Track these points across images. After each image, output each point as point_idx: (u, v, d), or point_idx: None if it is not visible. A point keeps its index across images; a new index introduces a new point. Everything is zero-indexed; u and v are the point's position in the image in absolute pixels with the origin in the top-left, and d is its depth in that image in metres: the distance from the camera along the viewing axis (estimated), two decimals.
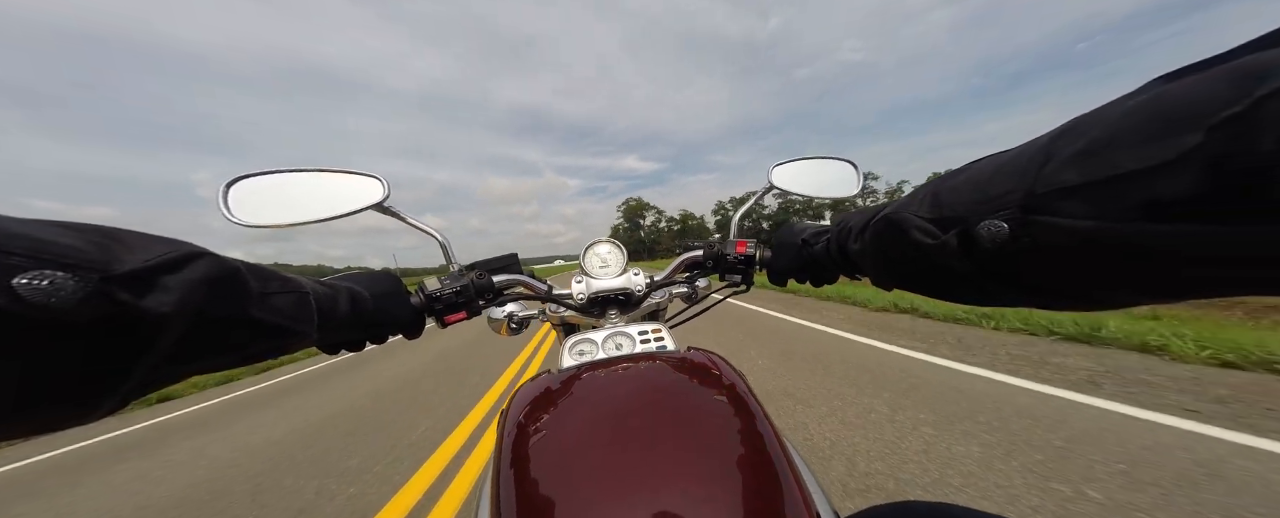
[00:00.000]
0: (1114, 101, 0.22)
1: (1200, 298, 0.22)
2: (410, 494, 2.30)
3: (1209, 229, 0.17)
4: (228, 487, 2.74)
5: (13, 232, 0.19)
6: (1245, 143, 0.15)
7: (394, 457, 2.81)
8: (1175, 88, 0.19)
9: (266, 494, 2.55)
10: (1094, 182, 0.20)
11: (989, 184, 0.26)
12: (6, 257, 0.18)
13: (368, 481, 2.52)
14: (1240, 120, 0.15)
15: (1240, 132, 0.15)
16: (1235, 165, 0.16)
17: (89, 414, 0.24)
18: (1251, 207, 0.16)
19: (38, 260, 0.19)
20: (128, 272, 0.23)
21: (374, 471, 2.66)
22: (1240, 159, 0.16)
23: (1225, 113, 0.16)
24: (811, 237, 0.56)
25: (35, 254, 0.19)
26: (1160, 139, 0.18)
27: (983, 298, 0.32)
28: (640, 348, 0.63)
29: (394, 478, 2.51)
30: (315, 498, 2.40)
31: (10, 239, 0.19)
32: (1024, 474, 1.83)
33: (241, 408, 4.94)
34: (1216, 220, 0.17)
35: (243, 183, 0.56)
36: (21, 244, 0.19)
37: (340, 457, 2.95)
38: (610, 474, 0.39)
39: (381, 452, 2.93)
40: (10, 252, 0.19)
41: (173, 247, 0.26)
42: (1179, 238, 0.18)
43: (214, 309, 0.27)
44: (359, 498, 2.33)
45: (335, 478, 2.63)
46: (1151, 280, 0.22)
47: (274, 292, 0.34)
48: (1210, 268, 0.19)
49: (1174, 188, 0.17)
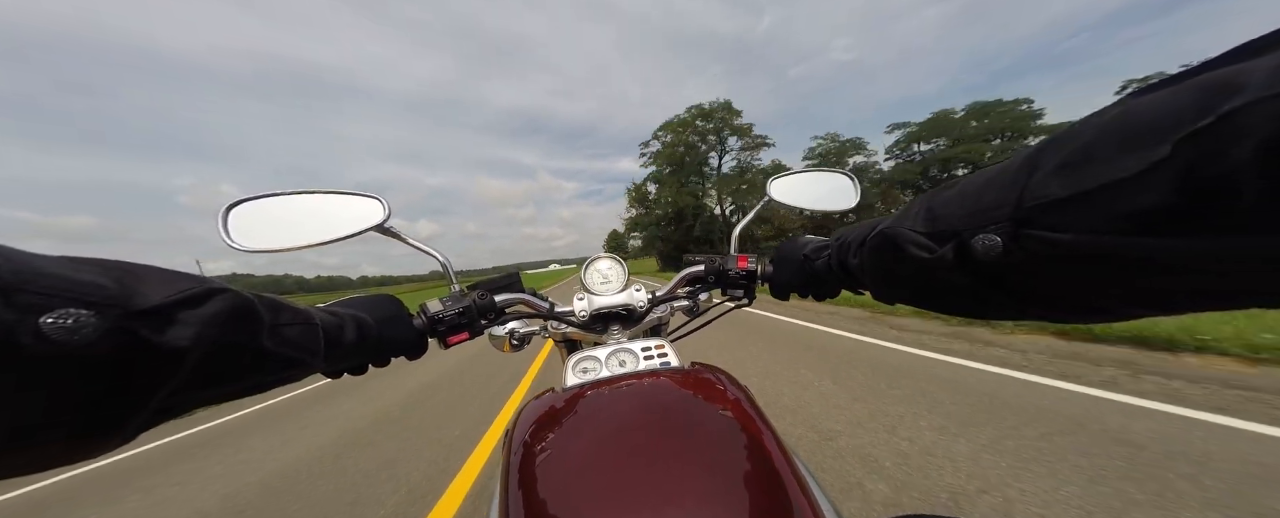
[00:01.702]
0: (1092, 115, 0.22)
1: (1191, 311, 0.22)
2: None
3: (1180, 241, 0.18)
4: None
5: (39, 269, 0.20)
6: (1209, 157, 0.16)
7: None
8: (1145, 101, 0.19)
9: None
10: (1076, 194, 0.21)
11: (980, 197, 0.27)
12: (34, 296, 0.19)
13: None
14: (1205, 134, 0.16)
15: (1205, 145, 0.16)
16: (1201, 178, 0.16)
17: (103, 445, 0.24)
18: (1218, 218, 0.16)
19: (63, 299, 0.20)
20: (148, 308, 0.23)
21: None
22: (1205, 172, 0.16)
23: (1191, 127, 0.16)
24: (813, 251, 0.56)
25: (60, 293, 0.20)
26: (1132, 152, 0.18)
27: (980, 310, 0.32)
28: (644, 365, 0.63)
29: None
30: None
31: (37, 278, 0.20)
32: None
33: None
34: (1187, 233, 0.17)
35: (242, 206, 0.57)
36: (47, 283, 0.20)
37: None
38: (617, 493, 0.38)
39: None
40: (37, 291, 0.19)
41: (193, 283, 0.27)
42: (1155, 250, 0.18)
43: (228, 342, 0.28)
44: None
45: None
46: (1140, 292, 0.22)
47: (284, 323, 0.34)
48: (1189, 279, 0.19)
49: (1146, 200, 0.18)
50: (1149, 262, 0.19)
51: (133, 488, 3.08)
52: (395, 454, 2.90)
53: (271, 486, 2.73)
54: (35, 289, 0.19)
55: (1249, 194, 0.15)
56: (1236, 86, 0.16)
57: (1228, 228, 0.16)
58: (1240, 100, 0.15)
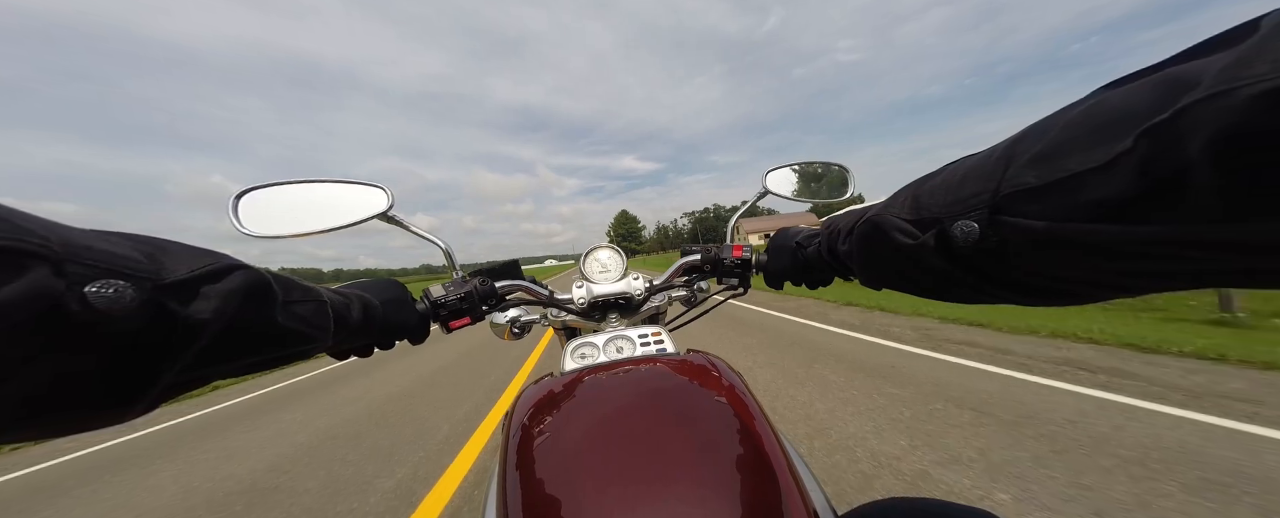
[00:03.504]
0: (1065, 108, 0.23)
1: (1156, 292, 0.23)
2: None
3: (1140, 228, 0.19)
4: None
5: (81, 243, 0.21)
6: (1167, 148, 0.17)
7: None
8: (1113, 95, 0.20)
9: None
10: (1049, 184, 0.22)
11: (960, 186, 0.28)
12: (79, 267, 0.20)
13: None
14: (1164, 127, 0.17)
15: (1163, 137, 0.17)
16: (1159, 168, 0.17)
17: (123, 415, 0.25)
18: (1171, 207, 0.18)
19: (104, 270, 0.21)
20: (176, 281, 0.25)
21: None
22: (1163, 163, 0.17)
23: (1151, 120, 0.17)
24: (805, 240, 0.57)
25: (102, 264, 0.21)
26: (1098, 144, 0.19)
27: (962, 295, 0.33)
28: (640, 351, 0.65)
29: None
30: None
31: (81, 250, 0.21)
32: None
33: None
34: (1148, 220, 0.19)
35: (251, 194, 0.58)
36: (90, 255, 0.21)
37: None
38: (612, 476, 0.40)
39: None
40: (82, 262, 0.20)
41: (214, 258, 0.28)
42: (1119, 236, 0.20)
43: (245, 317, 0.29)
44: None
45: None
46: (1107, 276, 0.23)
47: (296, 300, 0.35)
48: (1148, 263, 0.20)
49: (1110, 189, 0.19)
50: (1113, 247, 0.20)
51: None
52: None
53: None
54: (81, 260, 0.20)
55: (1202, 184, 0.16)
56: (1192, 82, 0.16)
57: (1185, 216, 0.17)
58: (1195, 96, 0.16)
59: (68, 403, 0.22)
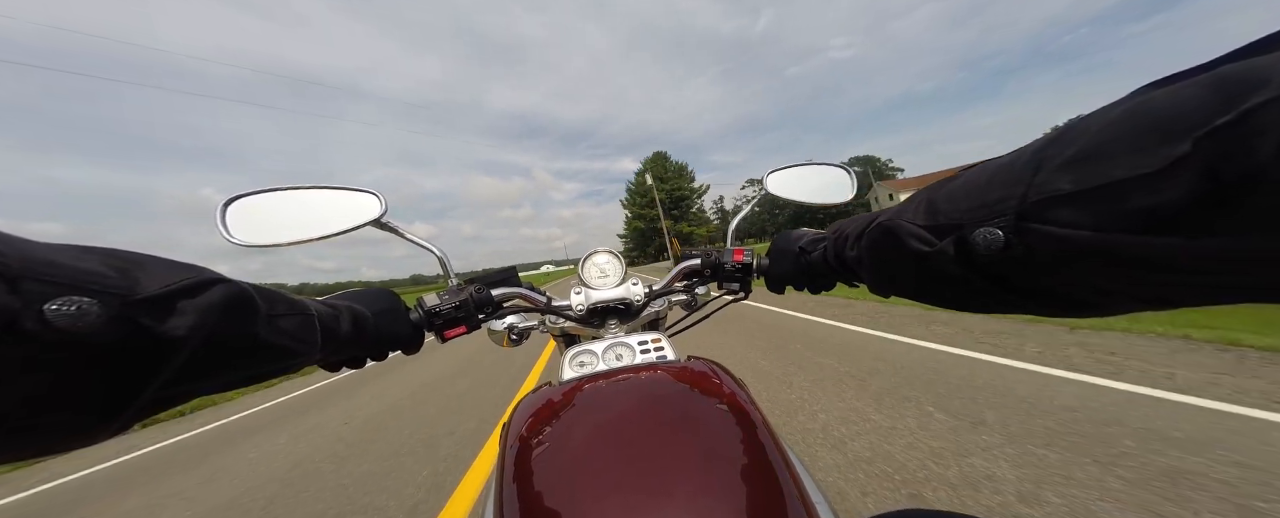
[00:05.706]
0: (1102, 109, 0.22)
1: (1196, 306, 0.22)
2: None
3: (1198, 239, 0.17)
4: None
5: (42, 258, 0.20)
6: (1232, 154, 0.15)
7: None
8: (1160, 96, 0.19)
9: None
10: (1086, 189, 0.20)
11: (983, 191, 0.26)
12: (38, 284, 0.19)
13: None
14: (1228, 131, 0.16)
15: (1227, 142, 0.16)
16: (1222, 176, 0.16)
17: (97, 434, 0.24)
18: (1238, 217, 0.16)
19: (66, 287, 0.20)
20: (148, 297, 0.24)
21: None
22: (1227, 170, 0.16)
23: (1212, 123, 0.16)
24: (809, 244, 0.56)
25: (64, 280, 0.20)
26: (1148, 148, 0.18)
27: (979, 304, 0.32)
28: (640, 358, 0.63)
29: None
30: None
31: (41, 266, 0.20)
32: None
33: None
34: (1205, 230, 0.17)
35: (240, 202, 0.56)
36: (50, 271, 0.20)
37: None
38: (612, 486, 0.39)
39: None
40: (41, 278, 0.19)
41: (191, 272, 0.27)
42: (1170, 248, 0.18)
43: (225, 332, 0.28)
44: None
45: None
46: (1147, 288, 0.22)
47: (281, 313, 0.34)
48: (1203, 277, 0.19)
49: (1163, 197, 0.17)
50: (1164, 259, 0.19)
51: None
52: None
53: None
54: (39, 276, 0.19)
55: (1272, 192, 0.15)
56: (1258, 82, 0.15)
57: (1250, 226, 0.16)
58: (1263, 97, 0.15)
59: (34, 424, 0.21)
